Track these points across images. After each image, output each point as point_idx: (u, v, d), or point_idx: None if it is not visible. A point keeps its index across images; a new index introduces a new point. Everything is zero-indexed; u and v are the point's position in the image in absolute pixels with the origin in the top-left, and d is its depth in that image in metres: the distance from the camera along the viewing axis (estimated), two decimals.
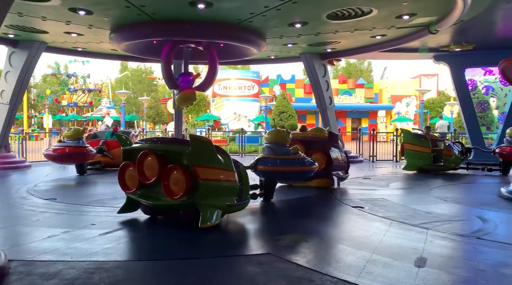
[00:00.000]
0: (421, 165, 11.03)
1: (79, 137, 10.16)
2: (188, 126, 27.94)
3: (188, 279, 3.35)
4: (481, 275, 3.42)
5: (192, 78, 9.38)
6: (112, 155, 11.47)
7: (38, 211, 6.04)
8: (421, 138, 11.21)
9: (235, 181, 5.10)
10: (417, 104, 37.81)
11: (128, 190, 5.35)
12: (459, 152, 11.05)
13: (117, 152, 10.65)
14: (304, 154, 7.17)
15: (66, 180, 9.77)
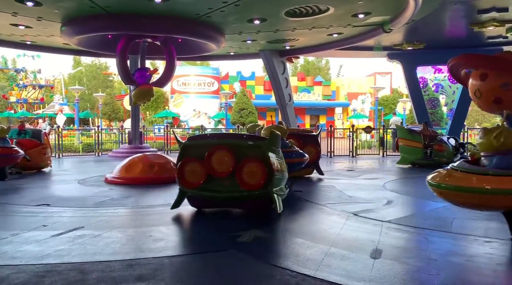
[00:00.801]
0: (413, 159, 11.34)
1: (2, 137, 8.64)
2: (146, 123, 27.34)
3: (145, 277, 3.26)
4: (432, 264, 3.57)
5: (149, 74, 9.18)
6: (29, 156, 9.59)
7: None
8: (414, 133, 11.48)
9: (286, 171, 5.72)
10: (372, 101, 39.05)
11: (189, 186, 5.44)
12: (452, 147, 11.34)
13: (33, 153, 9.74)
14: (298, 147, 7.89)
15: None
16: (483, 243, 4.22)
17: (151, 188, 7.80)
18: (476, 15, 9.61)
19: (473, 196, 3.92)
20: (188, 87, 35.38)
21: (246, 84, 37.01)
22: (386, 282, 3.19)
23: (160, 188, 7.79)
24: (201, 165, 5.32)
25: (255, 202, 5.46)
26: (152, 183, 8.18)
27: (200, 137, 6.02)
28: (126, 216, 5.89)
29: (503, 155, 4.06)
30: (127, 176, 8.39)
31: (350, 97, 39.99)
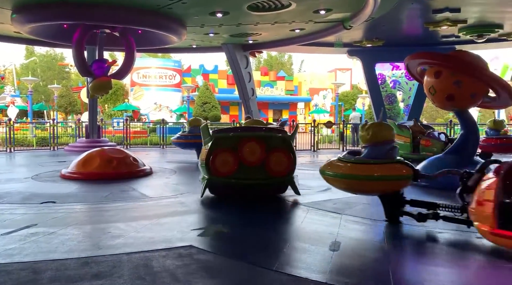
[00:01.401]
0: (401, 154, 11.47)
1: None
2: (104, 117, 26.54)
3: (102, 275, 3.17)
4: (388, 255, 3.69)
5: (107, 66, 8.90)
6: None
7: None
8: (403, 128, 11.63)
9: None
10: (333, 97, 39.84)
11: (220, 174, 5.86)
12: (441, 142, 11.50)
13: None
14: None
15: None
16: (437, 234, 4.41)
17: (109, 184, 7.59)
18: (431, 15, 9.97)
19: (348, 182, 4.68)
20: (148, 80, 34.62)
21: (209, 78, 36.71)
22: (344, 274, 3.27)
23: (118, 184, 7.60)
24: (233, 155, 5.84)
25: (276, 188, 6.27)
26: (111, 179, 7.96)
27: (230, 130, 6.75)
28: (82, 212, 5.69)
29: (373, 146, 4.69)
30: (84, 171, 8.12)
31: (312, 93, 40.62)
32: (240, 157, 5.81)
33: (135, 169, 8.60)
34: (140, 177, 8.38)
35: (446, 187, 7.02)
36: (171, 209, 5.59)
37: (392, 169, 4.54)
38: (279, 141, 6.07)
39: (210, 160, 5.85)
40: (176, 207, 5.72)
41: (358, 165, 4.59)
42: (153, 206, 5.96)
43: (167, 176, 8.95)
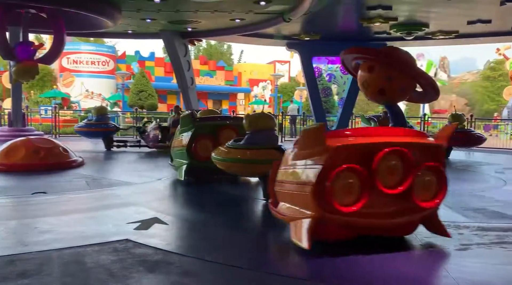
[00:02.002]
0: None
1: None
2: (30, 104, 24.71)
3: (29, 273, 2.96)
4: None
5: (34, 49, 8.25)
6: None
7: None
8: (370, 120, 11.76)
9: None
10: (272, 89, 40.37)
11: (201, 159, 6.34)
12: None
13: None
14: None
15: None
16: None
17: (36, 175, 7.10)
18: (365, 11, 10.38)
19: (228, 164, 5.38)
20: (79, 66, 32.69)
21: (145, 65, 35.43)
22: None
23: (46, 175, 7.14)
24: (213, 141, 6.36)
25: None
26: (37, 170, 7.45)
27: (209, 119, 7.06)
28: (5, 206, 5.25)
29: (252, 134, 5.36)
30: (7, 162, 7.52)
31: (252, 84, 40.83)
32: (218, 142, 6.17)
33: (65, 160, 8.13)
34: (71, 168, 7.94)
35: None
36: (106, 202, 5.36)
37: (264, 154, 5.08)
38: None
39: (192, 146, 6.47)
40: (111, 200, 5.49)
41: (235, 150, 5.33)
42: (86, 198, 5.67)
43: (101, 166, 8.57)
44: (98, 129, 11.45)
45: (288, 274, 3.19)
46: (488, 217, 5.02)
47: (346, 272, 3.15)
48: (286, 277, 3.10)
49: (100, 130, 11.47)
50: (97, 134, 11.57)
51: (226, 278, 3.06)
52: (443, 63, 46.00)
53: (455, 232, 4.23)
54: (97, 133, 11.51)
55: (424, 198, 3.59)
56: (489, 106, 44.19)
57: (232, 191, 6.41)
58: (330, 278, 3.06)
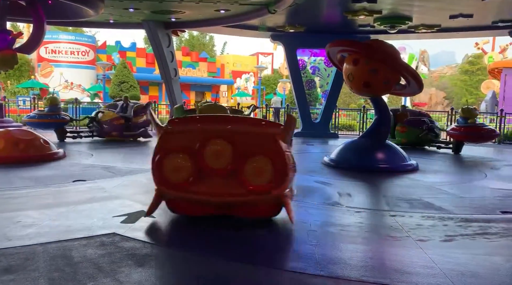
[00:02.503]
0: None
1: None
2: (7, 94, 24.03)
3: (14, 269, 2.89)
4: (312, 235, 3.84)
5: (12, 38, 7.99)
6: None
7: None
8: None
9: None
10: (255, 80, 40.26)
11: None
12: (417, 129, 11.62)
13: None
14: None
15: None
16: (354, 213, 4.70)
17: (16, 168, 6.93)
18: (350, 4, 10.40)
19: None
20: (58, 56, 31.89)
21: (126, 56, 34.79)
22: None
23: (27, 168, 6.97)
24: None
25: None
26: (17, 162, 7.26)
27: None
28: None
29: None
30: None
31: (235, 75, 40.64)
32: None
33: (46, 152, 7.94)
34: (52, 161, 7.77)
35: (360, 168, 7.54)
36: (90, 195, 5.26)
37: None
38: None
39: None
40: (96, 193, 5.39)
41: None
42: (70, 191, 5.56)
43: (82, 159, 8.40)
44: (51, 120, 11.23)
45: (278, 267, 3.20)
46: (413, 207, 5.09)
47: (343, 260, 3.18)
48: (278, 270, 3.12)
49: (53, 121, 11.25)
50: (49, 125, 11.33)
51: (214, 271, 3.05)
52: (423, 57, 46.61)
53: (440, 223, 4.32)
54: (49, 124, 11.27)
55: (257, 182, 3.84)
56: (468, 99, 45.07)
57: None
58: (325, 264, 3.08)
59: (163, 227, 4.12)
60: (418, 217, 4.55)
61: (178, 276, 3.03)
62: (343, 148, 8.34)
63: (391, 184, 6.76)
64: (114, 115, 11.83)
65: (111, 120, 11.77)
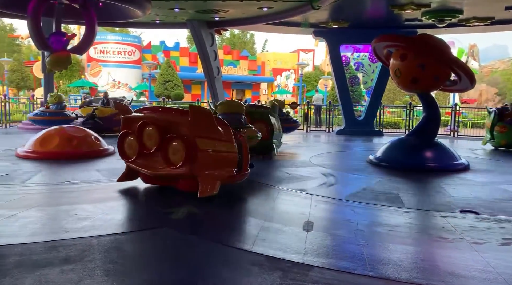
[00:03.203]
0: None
1: None
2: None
3: (72, 259, 3.03)
4: (360, 235, 3.77)
5: (66, 39, 8.38)
6: None
7: None
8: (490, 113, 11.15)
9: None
10: (296, 78, 40.01)
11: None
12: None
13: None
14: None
15: None
16: (402, 214, 4.56)
17: (70, 163, 7.28)
18: None
19: None
20: (106, 56, 33.19)
21: (170, 55, 35.66)
22: (319, 253, 3.30)
23: (79, 163, 7.30)
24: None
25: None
26: (70, 158, 7.63)
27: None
28: (43, 193, 5.42)
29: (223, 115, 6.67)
30: (42, 150, 7.72)
31: (275, 73, 40.56)
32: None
33: (97, 148, 8.29)
34: (103, 157, 8.09)
35: (408, 167, 7.30)
36: (139, 190, 5.43)
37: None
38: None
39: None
40: (144, 188, 5.56)
41: None
42: (119, 186, 5.75)
43: None
44: (56, 118, 11.19)
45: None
46: (465, 207, 4.83)
47: (393, 261, 3.10)
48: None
49: (58, 118, 11.21)
50: (54, 123, 10.58)
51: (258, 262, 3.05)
52: (472, 51, 44.40)
53: (496, 226, 4.11)
54: (55, 121, 10.77)
55: (175, 160, 4.90)
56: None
57: None
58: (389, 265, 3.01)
59: (210, 222, 4.18)
60: (471, 219, 4.35)
61: (220, 270, 3.06)
62: (390, 146, 8.12)
63: (441, 183, 6.51)
64: (111, 110, 11.96)
65: (110, 116, 11.86)
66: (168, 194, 5.24)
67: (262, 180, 6.16)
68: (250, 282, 2.75)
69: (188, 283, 2.75)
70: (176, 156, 4.87)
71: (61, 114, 11.71)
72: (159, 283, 2.75)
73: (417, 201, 5.31)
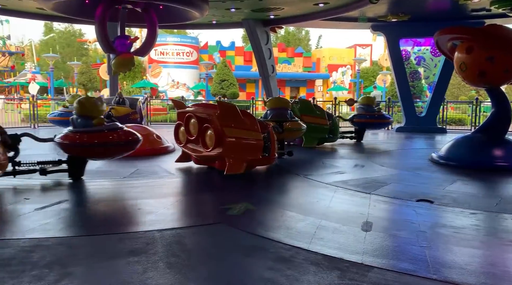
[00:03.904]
0: None
1: None
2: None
3: (138, 251, 3.20)
4: (422, 236, 3.62)
5: (130, 42, 8.82)
6: None
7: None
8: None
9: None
10: (352, 74, 39.12)
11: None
12: None
13: None
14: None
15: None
16: (468, 215, 4.32)
17: (134, 160, 7.64)
18: None
19: None
20: (166, 57, 34.52)
21: (226, 55, 36.33)
22: (379, 254, 3.22)
23: (143, 160, 7.65)
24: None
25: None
26: (134, 156, 7.99)
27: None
28: (110, 188, 5.74)
29: (271, 110, 8.50)
30: None
31: (331, 69, 39.91)
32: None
33: (158, 146, 8.64)
34: (164, 154, 8.42)
35: (474, 166, 6.89)
36: (198, 186, 5.61)
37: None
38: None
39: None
40: (203, 184, 5.74)
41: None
42: (180, 183, 5.99)
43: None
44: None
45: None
46: None
47: (459, 264, 2.96)
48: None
49: None
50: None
51: (328, 267, 3.03)
52: None
53: None
54: None
55: (209, 144, 6.16)
56: None
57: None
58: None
59: (266, 220, 4.22)
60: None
61: (282, 269, 3.07)
62: (455, 144, 7.70)
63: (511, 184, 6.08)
64: (128, 110, 11.13)
65: (126, 115, 10.89)
66: (225, 191, 5.36)
67: (317, 179, 6.10)
68: (308, 280, 2.75)
69: (245, 278, 2.81)
70: (210, 142, 6.12)
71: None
72: (217, 277, 2.83)
73: (485, 202, 5.00)
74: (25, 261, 3.00)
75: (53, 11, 9.83)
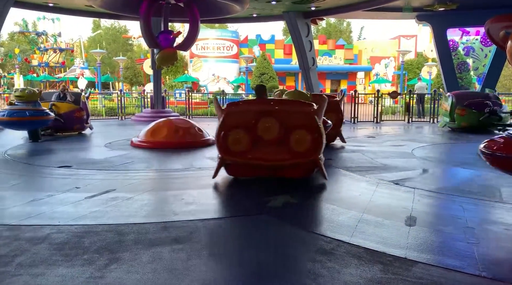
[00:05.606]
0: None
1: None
2: (166, 88, 27.31)
3: (182, 240, 3.30)
4: (470, 233, 3.49)
5: (173, 37, 9.02)
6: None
7: (17, 174, 5.84)
8: None
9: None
10: (396, 66, 37.94)
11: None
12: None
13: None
14: None
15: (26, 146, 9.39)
16: None
17: (177, 152, 7.85)
18: None
19: None
20: (207, 51, 34.95)
21: (266, 48, 36.27)
22: (424, 249, 3.14)
23: (185, 152, 7.84)
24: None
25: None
26: (177, 148, 8.22)
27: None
28: (155, 179, 5.95)
29: None
30: (153, 140, 8.44)
31: (373, 61, 38.90)
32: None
33: (199, 139, 8.81)
34: (205, 147, 8.58)
35: None
36: (238, 179, 5.66)
37: None
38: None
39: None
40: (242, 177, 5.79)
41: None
42: (220, 175, 6.08)
43: None
44: (23, 118, 9.42)
45: None
46: None
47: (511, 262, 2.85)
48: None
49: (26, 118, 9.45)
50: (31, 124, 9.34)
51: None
52: None
53: None
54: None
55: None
56: None
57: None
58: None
59: (307, 212, 4.21)
60: None
61: (325, 262, 3.07)
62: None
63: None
64: (71, 106, 10.31)
65: (70, 112, 10.21)
66: (266, 184, 5.38)
67: (359, 173, 6.00)
68: (350, 273, 2.73)
69: (286, 269, 2.83)
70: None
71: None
72: (259, 267, 2.87)
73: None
74: (77, 246, 3.18)
75: (100, 7, 10.21)
